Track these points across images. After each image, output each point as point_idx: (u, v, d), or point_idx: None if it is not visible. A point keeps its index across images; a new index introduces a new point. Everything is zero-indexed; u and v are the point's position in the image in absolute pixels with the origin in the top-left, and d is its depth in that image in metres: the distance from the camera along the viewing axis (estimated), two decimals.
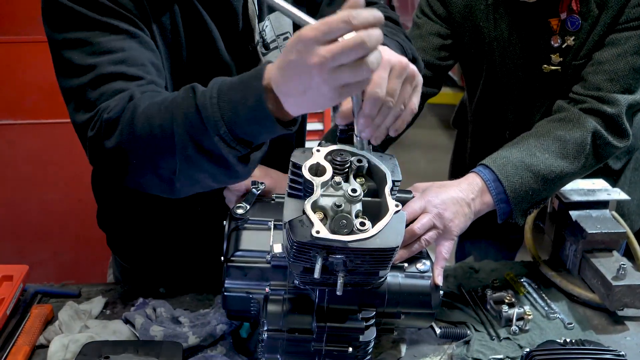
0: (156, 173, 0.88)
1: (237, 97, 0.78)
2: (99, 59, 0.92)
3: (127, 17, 0.95)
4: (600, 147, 1.25)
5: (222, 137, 0.79)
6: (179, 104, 0.82)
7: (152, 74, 0.96)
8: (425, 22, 1.41)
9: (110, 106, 0.89)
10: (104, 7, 0.94)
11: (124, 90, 0.91)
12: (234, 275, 0.97)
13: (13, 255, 2.32)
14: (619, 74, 1.24)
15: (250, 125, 0.79)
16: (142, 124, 0.85)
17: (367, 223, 0.79)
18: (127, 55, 0.93)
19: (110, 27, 0.94)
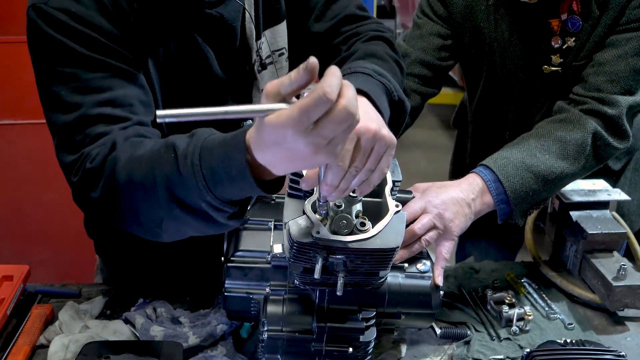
0: (140, 225, 0.88)
1: (220, 166, 0.75)
2: (85, 98, 0.91)
3: (117, 53, 0.94)
4: (600, 148, 1.25)
5: (209, 203, 0.78)
6: (160, 165, 0.80)
7: (140, 113, 0.95)
8: (426, 22, 1.41)
9: (92, 154, 0.89)
10: (95, 42, 0.92)
11: (108, 133, 0.90)
12: (234, 276, 0.97)
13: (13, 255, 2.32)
14: (620, 75, 1.24)
15: (235, 192, 0.77)
16: (124, 179, 0.84)
17: (367, 223, 0.79)
18: (115, 95, 0.92)
19: (100, 63, 0.92)
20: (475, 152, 1.57)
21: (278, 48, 1.17)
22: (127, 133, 0.91)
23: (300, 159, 0.67)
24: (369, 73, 0.98)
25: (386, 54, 1.11)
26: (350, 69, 1.00)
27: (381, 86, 0.99)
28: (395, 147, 0.79)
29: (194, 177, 0.77)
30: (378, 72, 1.00)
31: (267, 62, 1.15)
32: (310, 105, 0.62)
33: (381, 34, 1.17)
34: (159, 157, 0.81)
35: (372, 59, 1.07)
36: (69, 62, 0.92)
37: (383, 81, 1.00)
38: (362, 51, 1.10)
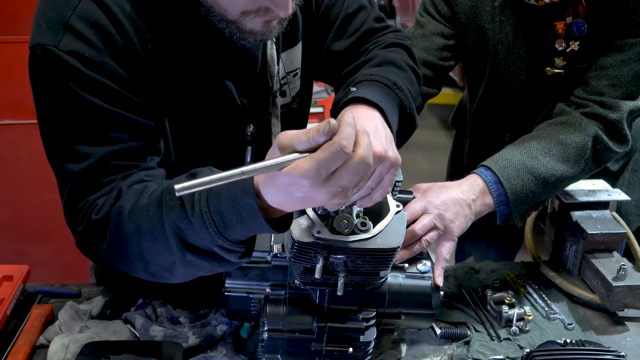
0: (150, 272, 0.87)
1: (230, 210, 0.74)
2: (95, 149, 0.88)
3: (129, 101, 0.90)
4: (600, 152, 1.25)
5: (221, 246, 0.77)
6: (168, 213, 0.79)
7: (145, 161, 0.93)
8: (429, 21, 1.40)
9: (97, 205, 0.87)
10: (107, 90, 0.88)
11: (111, 182, 0.89)
12: (234, 275, 0.97)
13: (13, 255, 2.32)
14: (622, 79, 1.24)
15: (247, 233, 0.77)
16: (131, 229, 0.83)
17: (368, 223, 0.79)
18: (127, 147, 0.90)
19: (111, 114, 0.88)
20: (473, 152, 1.57)
21: (293, 69, 1.15)
22: (131, 180, 0.89)
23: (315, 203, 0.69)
24: (388, 84, 0.98)
25: (404, 62, 1.10)
26: (371, 76, 1.00)
27: (396, 100, 0.99)
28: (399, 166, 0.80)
29: (204, 224, 0.76)
30: (397, 86, 1.00)
31: (282, 82, 1.13)
32: (328, 159, 0.64)
33: (401, 41, 1.16)
34: (166, 206, 0.79)
35: (390, 67, 1.06)
36: (79, 111, 0.88)
37: (399, 95, 1.00)
38: (381, 58, 1.09)
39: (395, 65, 1.07)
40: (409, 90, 1.03)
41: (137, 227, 0.82)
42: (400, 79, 1.03)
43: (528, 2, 1.26)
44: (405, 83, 1.04)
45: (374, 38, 1.17)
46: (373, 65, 1.07)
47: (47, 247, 2.36)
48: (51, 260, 2.36)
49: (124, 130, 0.90)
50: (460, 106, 1.68)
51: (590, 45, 1.27)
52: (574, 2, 1.25)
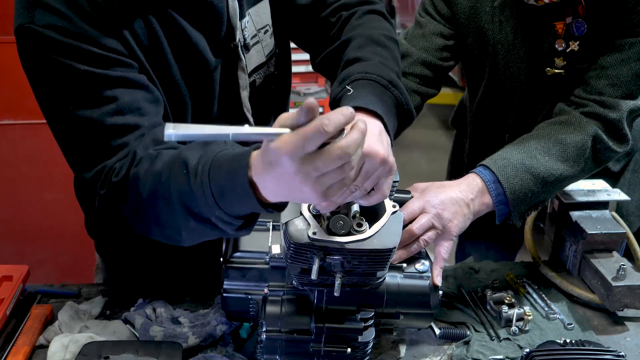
0: (164, 234, 0.91)
1: (226, 184, 0.78)
2: (93, 112, 0.91)
3: (111, 60, 0.93)
4: (600, 151, 1.25)
5: (218, 217, 0.81)
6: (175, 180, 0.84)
7: (149, 113, 0.96)
8: (428, 21, 1.40)
9: (116, 168, 0.91)
10: (88, 54, 0.91)
11: (124, 145, 0.92)
12: (232, 276, 0.97)
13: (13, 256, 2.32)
14: (622, 79, 1.24)
15: (242, 208, 0.80)
16: (147, 193, 0.87)
17: (364, 224, 0.79)
18: (121, 104, 0.92)
19: (98, 76, 0.91)
20: (473, 152, 1.57)
21: (262, 26, 1.17)
22: (145, 143, 0.92)
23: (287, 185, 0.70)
24: (384, 84, 0.99)
25: (385, 38, 1.10)
26: (367, 74, 1.00)
27: (393, 99, 1.00)
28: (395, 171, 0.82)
29: (203, 194, 0.80)
30: (393, 83, 1.01)
31: (252, 42, 1.14)
32: (307, 133, 0.65)
33: (372, 7, 1.16)
34: (173, 173, 0.84)
35: (374, 47, 1.07)
36: (69, 79, 0.91)
37: (396, 94, 1.01)
38: (364, 38, 1.09)
39: (378, 43, 1.08)
40: (397, 73, 1.05)
41: (151, 192, 0.86)
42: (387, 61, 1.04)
43: (527, 2, 1.26)
44: (393, 65, 1.05)
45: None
46: (356, 47, 1.08)
47: (47, 247, 2.36)
48: (51, 260, 2.36)
49: (116, 87, 0.92)
50: (461, 106, 1.68)
51: (590, 45, 1.27)
52: (574, 2, 1.25)
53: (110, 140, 0.92)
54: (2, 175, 2.27)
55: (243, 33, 1.11)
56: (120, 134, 0.92)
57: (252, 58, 1.15)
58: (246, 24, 1.12)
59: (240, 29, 1.11)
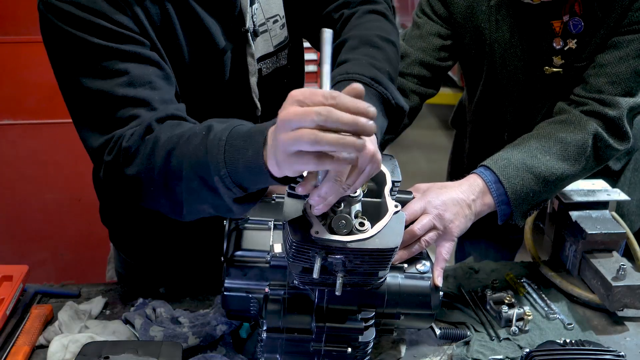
0: (169, 199, 0.92)
1: (241, 145, 0.81)
2: (105, 83, 0.95)
3: (124, 36, 0.97)
4: (600, 149, 1.25)
5: (221, 178, 0.82)
6: (192, 140, 0.86)
7: (161, 88, 0.98)
8: (426, 22, 1.40)
9: (127, 135, 0.93)
10: (102, 29, 0.95)
11: (136, 116, 0.94)
12: (233, 275, 0.97)
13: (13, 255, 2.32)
14: (621, 77, 1.24)
15: (247, 174, 0.81)
16: (162, 156, 0.89)
17: (366, 223, 0.79)
18: (133, 77, 0.96)
19: (111, 50, 0.95)
20: (473, 152, 1.57)
21: (272, 15, 1.18)
22: (159, 114, 0.94)
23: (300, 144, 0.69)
24: (366, 82, 0.99)
25: (380, 39, 1.10)
26: (348, 75, 1.01)
27: (377, 95, 1.00)
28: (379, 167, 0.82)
29: (216, 148, 0.82)
30: (376, 80, 1.01)
31: (260, 29, 1.16)
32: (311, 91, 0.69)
33: (373, 7, 1.17)
34: (194, 134, 0.87)
35: (366, 49, 1.08)
36: (83, 52, 0.95)
37: (380, 90, 1.01)
38: (357, 39, 1.10)
39: (371, 44, 1.08)
40: (388, 73, 1.05)
41: (167, 155, 0.88)
42: (377, 61, 1.05)
43: (523, 0, 1.26)
44: (384, 65, 1.05)
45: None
46: (349, 49, 1.09)
47: (47, 247, 2.36)
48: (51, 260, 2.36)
49: (128, 61, 0.96)
50: (460, 106, 1.68)
51: (588, 43, 1.27)
52: (570, 0, 1.25)
53: (121, 110, 0.95)
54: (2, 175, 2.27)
55: (253, 19, 1.13)
56: (131, 104, 0.95)
57: (258, 46, 1.16)
58: (255, 11, 1.13)
59: (251, 15, 1.12)
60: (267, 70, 1.20)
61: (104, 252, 1.45)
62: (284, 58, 1.22)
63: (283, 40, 1.20)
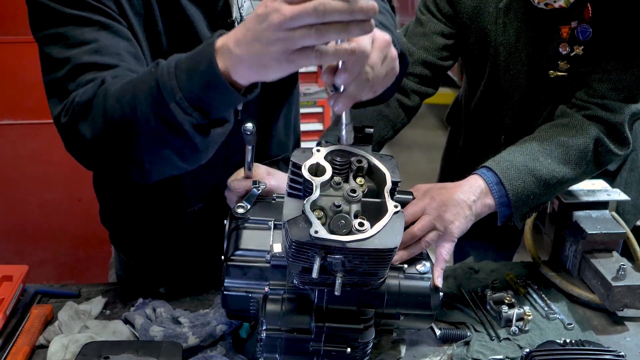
0: (129, 153, 0.89)
1: (191, 65, 0.80)
2: (73, 51, 0.94)
3: (99, 9, 0.97)
4: (601, 154, 1.25)
5: (178, 104, 0.80)
6: (142, 79, 0.85)
7: (129, 61, 0.97)
8: (429, 19, 1.40)
9: (79, 92, 0.92)
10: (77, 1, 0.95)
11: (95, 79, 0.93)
12: (233, 275, 0.97)
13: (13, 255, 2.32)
14: (625, 83, 1.24)
15: (205, 91, 0.79)
16: (113, 104, 0.87)
17: (365, 223, 0.79)
18: (101, 45, 0.95)
19: (83, 19, 0.96)
20: (467, 149, 1.57)
21: None
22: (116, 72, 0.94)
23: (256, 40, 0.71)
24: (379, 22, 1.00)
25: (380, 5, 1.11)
26: None
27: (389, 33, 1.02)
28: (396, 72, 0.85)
29: (167, 76, 0.81)
30: (383, 24, 1.02)
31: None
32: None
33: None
34: (143, 75, 0.86)
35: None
36: (55, 22, 0.96)
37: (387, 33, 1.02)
38: None
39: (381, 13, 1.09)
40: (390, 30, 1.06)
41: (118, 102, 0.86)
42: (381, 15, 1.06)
43: (537, 5, 1.26)
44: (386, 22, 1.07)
45: None
46: None
47: (47, 247, 2.36)
48: (51, 260, 2.36)
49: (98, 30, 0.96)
50: (456, 103, 1.67)
51: (595, 50, 1.27)
52: (580, 6, 1.24)
53: (84, 75, 0.94)
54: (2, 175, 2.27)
55: (240, 11, 1.13)
56: (95, 69, 0.94)
57: None
58: (242, 4, 1.14)
59: (237, 5, 1.12)
60: None
61: (104, 252, 1.45)
62: None
63: None
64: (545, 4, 1.24)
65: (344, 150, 0.85)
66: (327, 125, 3.40)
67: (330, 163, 0.83)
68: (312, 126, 3.40)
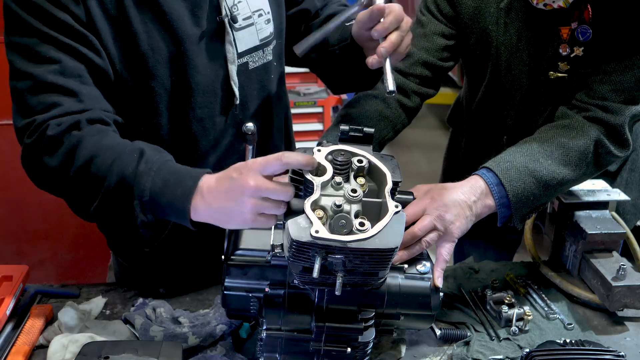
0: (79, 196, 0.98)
1: (171, 182, 0.90)
2: (37, 67, 0.99)
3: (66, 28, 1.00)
4: (601, 155, 1.25)
5: (142, 203, 0.91)
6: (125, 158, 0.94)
7: (90, 84, 1.02)
8: (430, 20, 1.40)
9: (52, 123, 0.97)
10: (46, 15, 0.98)
11: (59, 104, 0.98)
12: (234, 274, 0.97)
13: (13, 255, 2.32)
14: (625, 85, 1.23)
15: (166, 209, 0.91)
16: (86, 158, 0.95)
17: (366, 223, 0.79)
18: (64, 67, 1.00)
19: (49, 38, 0.99)
20: (469, 150, 1.57)
21: (257, 9, 1.21)
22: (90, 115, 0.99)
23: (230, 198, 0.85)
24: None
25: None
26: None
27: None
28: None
29: (146, 175, 0.91)
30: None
31: (246, 23, 1.19)
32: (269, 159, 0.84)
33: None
34: (124, 153, 0.95)
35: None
36: (23, 32, 1.00)
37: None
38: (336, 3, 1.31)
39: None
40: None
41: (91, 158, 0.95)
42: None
43: (536, 6, 1.26)
44: None
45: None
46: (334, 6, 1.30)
47: (47, 247, 2.36)
48: (51, 260, 2.36)
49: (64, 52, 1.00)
50: (457, 104, 1.67)
51: (595, 51, 1.27)
52: (580, 7, 1.24)
53: (46, 95, 0.99)
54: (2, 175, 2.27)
55: (231, 10, 1.15)
56: (58, 92, 0.99)
57: (244, 38, 1.18)
58: (237, 3, 1.17)
59: (228, 5, 1.15)
60: (254, 64, 1.22)
61: (104, 252, 1.45)
62: (270, 54, 1.24)
63: (268, 35, 1.23)
64: (544, 4, 1.24)
65: (344, 150, 0.85)
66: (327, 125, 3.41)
67: (331, 163, 0.83)
68: (312, 126, 3.40)
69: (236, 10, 1.16)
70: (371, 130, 0.89)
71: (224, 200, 0.85)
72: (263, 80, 1.24)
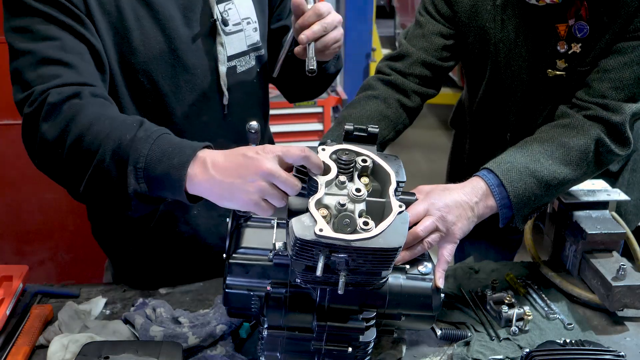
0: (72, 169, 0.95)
1: (168, 150, 0.88)
2: (37, 44, 1.00)
3: (66, 9, 1.02)
4: (602, 154, 1.25)
5: (136, 170, 0.88)
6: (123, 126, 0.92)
7: (88, 61, 1.03)
8: (428, 20, 1.40)
9: (53, 92, 0.97)
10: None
11: (58, 75, 0.98)
12: (235, 273, 0.97)
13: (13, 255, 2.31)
14: (624, 82, 1.23)
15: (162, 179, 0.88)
16: (84, 125, 0.93)
17: (370, 223, 0.79)
18: (64, 44, 1.01)
19: (50, 17, 1.01)
20: (474, 152, 1.57)
21: (245, 16, 1.25)
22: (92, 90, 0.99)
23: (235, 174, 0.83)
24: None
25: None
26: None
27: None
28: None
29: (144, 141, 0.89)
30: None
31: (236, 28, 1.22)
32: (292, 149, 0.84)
33: None
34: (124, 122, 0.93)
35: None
36: (24, 13, 1.01)
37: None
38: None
39: None
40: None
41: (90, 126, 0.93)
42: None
43: (529, 1, 1.26)
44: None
45: None
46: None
47: (47, 247, 2.35)
48: (51, 260, 2.36)
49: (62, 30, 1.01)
50: (459, 106, 1.68)
51: (592, 48, 1.27)
52: (576, 4, 1.25)
53: (47, 68, 0.99)
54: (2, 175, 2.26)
55: (222, 14, 1.19)
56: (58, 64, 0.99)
57: (233, 43, 1.22)
58: (227, 9, 1.21)
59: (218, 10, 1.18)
60: (242, 68, 1.26)
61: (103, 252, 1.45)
62: (254, 59, 1.28)
63: (255, 42, 1.27)
64: (536, 0, 1.25)
65: (349, 149, 0.85)
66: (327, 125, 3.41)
67: (335, 162, 0.83)
68: (312, 126, 3.41)
69: (227, 16, 1.20)
70: (375, 130, 0.89)
71: (232, 176, 0.83)
72: (248, 84, 1.28)
